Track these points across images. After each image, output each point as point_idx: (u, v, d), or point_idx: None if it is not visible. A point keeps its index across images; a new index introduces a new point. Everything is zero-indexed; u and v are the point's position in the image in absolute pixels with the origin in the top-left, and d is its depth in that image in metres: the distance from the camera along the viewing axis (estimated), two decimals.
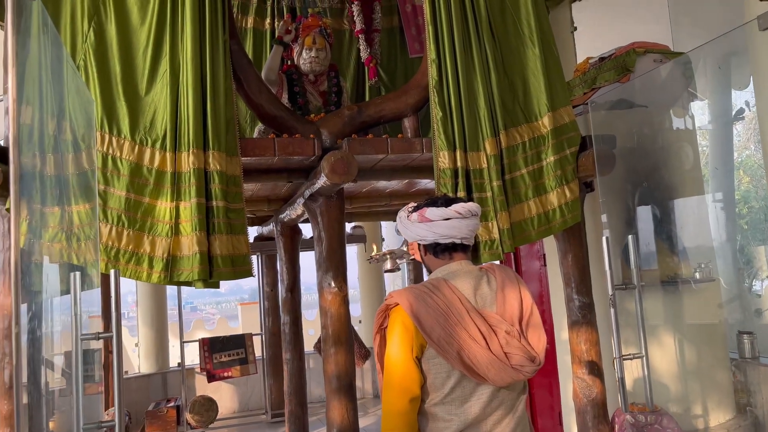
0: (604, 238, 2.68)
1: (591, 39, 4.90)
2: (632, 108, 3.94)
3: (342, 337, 3.27)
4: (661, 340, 3.84)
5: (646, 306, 3.02)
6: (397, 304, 1.86)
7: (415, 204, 2.05)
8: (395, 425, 1.77)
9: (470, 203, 1.99)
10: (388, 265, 5.65)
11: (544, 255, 4.69)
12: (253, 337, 6.68)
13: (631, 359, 2.65)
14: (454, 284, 1.88)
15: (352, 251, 8.47)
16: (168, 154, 2.88)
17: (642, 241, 3.68)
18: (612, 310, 2.62)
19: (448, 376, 1.80)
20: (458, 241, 1.94)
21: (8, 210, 1.95)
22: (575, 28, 4.88)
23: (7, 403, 2.27)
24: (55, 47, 1.79)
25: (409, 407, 1.77)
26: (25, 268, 1.82)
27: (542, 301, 4.97)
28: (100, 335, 1.97)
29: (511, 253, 4.56)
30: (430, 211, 1.94)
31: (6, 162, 1.42)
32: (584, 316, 3.41)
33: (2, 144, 2.58)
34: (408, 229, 2.01)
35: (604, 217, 3.64)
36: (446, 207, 1.94)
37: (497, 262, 2.70)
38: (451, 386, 1.79)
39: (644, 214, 3.78)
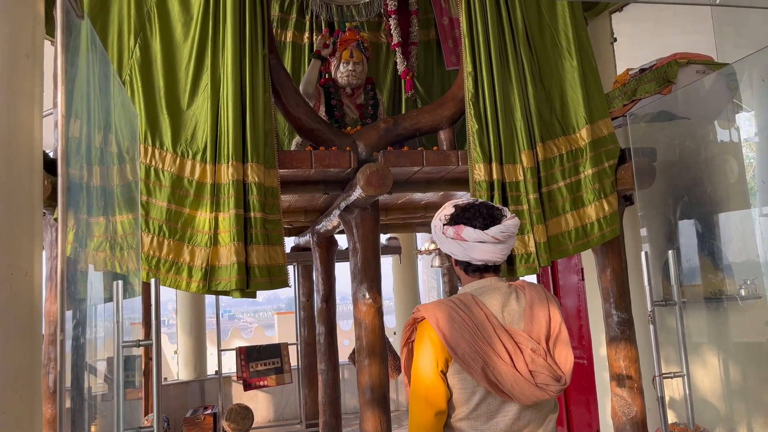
0: (642, 253, 2.62)
1: (631, 50, 4.83)
2: (674, 120, 3.86)
3: (376, 348, 3.27)
4: (705, 358, 3.72)
5: (688, 323, 2.94)
6: (424, 318, 1.86)
7: (452, 210, 1.95)
8: None
9: (509, 223, 1.89)
10: (436, 262, 5.64)
11: (582, 269, 4.61)
12: (289, 346, 6.74)
13: (671, 377, 2.58)
14: (483, 300, 1.87)
15: (387, 262, 8.47)
16: (208, 166, 2.95)
17: (684, 256, 3.59)
18: (651, 327, 2.56)
19: (473, 392, 1.79)
20: (491, 264, 1.92)
21: (56, 220, 2.03)
22: (615, 39, 4.81)
23: (51, 407, 2.34)
24: (102, 64, 1.86)
25: (435, 420, 1.78)
26: (70, 276, 1.88)
27: (580, 316, 4.88)
28: (141, 343, 2.03)
29: (548, 267, 4.50)
30: (467, 232, 1.88)
31: (55, 173, 1.48)
32: (623, 332, 3.34)
33: (52, 156, 2.68)
34: (441, 241, 1.96)
35: (643, 231, 3.57)
36: (484, 231, 1.87)
37: (532, 277, 2.68)
38: (476, 402, 1.79)
39: (686, 229, 3.68)
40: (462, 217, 1.90)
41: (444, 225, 1.93)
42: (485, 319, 1.80)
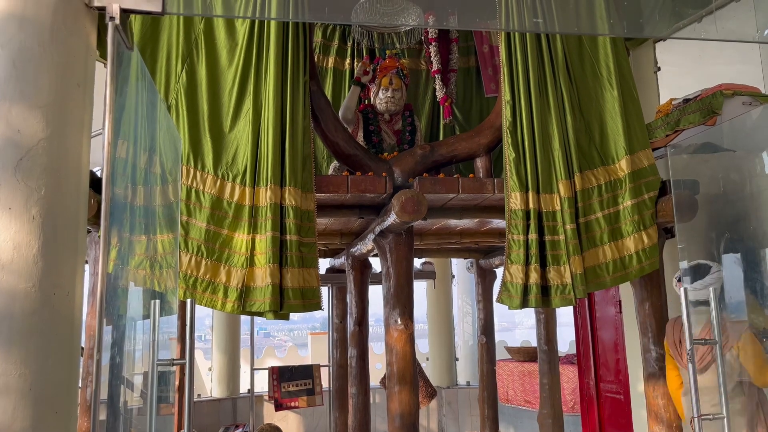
0: (682, 289, 2.56)
1: (675, 79, 4.75)
2: (718, 152, 3.77)
3: (407, 375, 3.26)
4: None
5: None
6: None
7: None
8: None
9: (699, 282, 2.90)
10: None
11: (620, 301, 4.51)
12: (321, 368, 6.75)
13: (711, 419, 2.49)
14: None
15: (421, 287, 8.44)
16: (247, 189, 3.03)
17: (726, 293, 3.48)
18: (690, 366, 2.48)
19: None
20: None
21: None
22: (659, 68, 4.75)
23: (87, 420, 2.40)
24: (149, 92, 1.95)
25: (671, 375, 3.15)
26: (111, 292, 1.94)
27: (617, 350, 4.76)
28: (175, 362, 2.07)
29: (585, 299, 4.41)
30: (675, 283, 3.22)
31: (101, 192, 1.54)
32: (662, 369, 3.26)
33: (99, 174, 2.78)
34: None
35: (683, 265, 3.48)
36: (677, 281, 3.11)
37: (568, 308, 2.74)
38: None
39: (729, 264, 3.57)
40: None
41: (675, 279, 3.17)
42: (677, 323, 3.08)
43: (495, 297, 3.42)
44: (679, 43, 4.64)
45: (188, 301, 2.34)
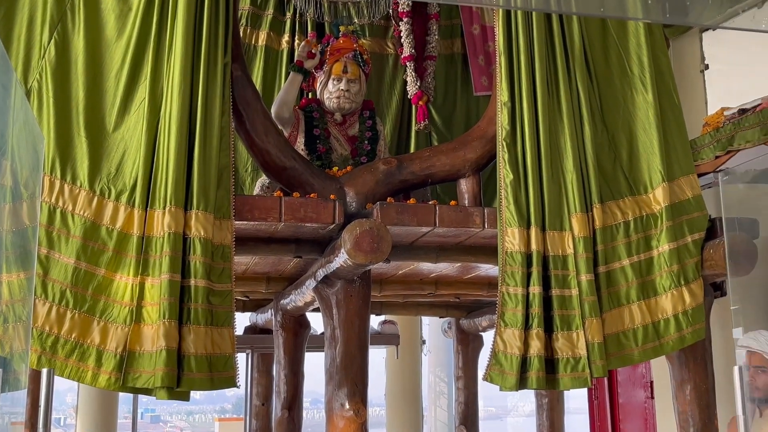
0: (736, 368, 2.61)
1: (728, 81, 4.91)
2: None
3: None
4: None
5: None
6: None
7: None
8: None
9: None
10: None
11: (652, 383, 4.58)
12: None
13: None
14: None
15: (378, 356, 8.39)
16: (136, 212, 2.98)
17: None
18: None
19: None
20: None
21: None
22: (706, 66, 4.92)
23: None
24: (1, 71, 1.91)
25: None
26: None
27: None
28: None
29: (604, 378, 4.46)
30: None
31: None
32: None
33: None
34: None
35: (737, 333, 3.55)
36: None
37: (581, 392, 2.69)
38: None
39: None
40: None
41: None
42: None
43: (481, 373, 3.42)
44: (733, 35, 4.80)
45: (44, 370, 2.27)
